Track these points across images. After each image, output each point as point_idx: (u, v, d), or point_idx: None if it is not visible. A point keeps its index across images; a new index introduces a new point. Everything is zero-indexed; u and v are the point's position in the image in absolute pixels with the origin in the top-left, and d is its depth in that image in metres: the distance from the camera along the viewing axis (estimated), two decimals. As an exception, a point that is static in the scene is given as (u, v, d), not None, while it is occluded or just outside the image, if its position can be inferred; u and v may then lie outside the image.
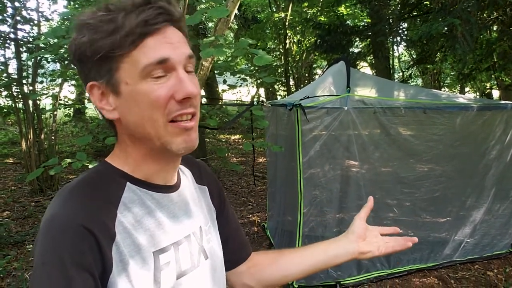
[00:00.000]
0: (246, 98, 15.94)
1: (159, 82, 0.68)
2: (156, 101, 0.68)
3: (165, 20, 0.69)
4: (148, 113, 0.69)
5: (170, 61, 0.68)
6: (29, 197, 5.95)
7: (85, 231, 0.63)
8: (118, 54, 0.67)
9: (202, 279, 0.83)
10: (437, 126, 3.58)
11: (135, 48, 0.67)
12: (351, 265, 3.46)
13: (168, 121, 0.70)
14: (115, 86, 0.70)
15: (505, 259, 3.86)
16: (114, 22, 0.66)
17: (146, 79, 0.68)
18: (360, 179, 3.49)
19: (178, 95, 0.69)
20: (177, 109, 0.70)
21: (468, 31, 3.48)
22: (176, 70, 0.70)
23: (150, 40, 0.68)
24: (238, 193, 6.45)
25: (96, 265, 0.62)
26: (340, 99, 3.33)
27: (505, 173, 3.84)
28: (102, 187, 0.72)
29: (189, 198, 0.87)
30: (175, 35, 0.71)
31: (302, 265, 1.01)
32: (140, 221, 0.72)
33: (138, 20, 0.66)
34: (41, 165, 2.51)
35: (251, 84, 13.38)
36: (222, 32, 2.35)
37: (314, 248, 1.03)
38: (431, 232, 3.82)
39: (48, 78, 6.93)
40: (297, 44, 12.29)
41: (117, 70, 0.69)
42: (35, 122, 6.11)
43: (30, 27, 6.19)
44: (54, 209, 0.67)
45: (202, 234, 0.86)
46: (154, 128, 0.70)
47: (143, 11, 0.67)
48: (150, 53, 0.67)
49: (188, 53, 0.72)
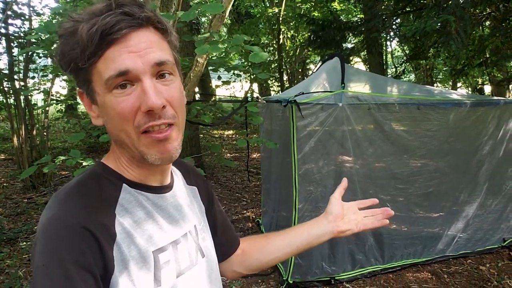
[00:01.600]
0: (239, 94, 15.92)
1: (125, 93, 0.66)
2: (121, 114, 0.67)
3: (128, 26, 0.65)
4: (119, 124, 0.68)
5: (131, 72, 0.65)
6: (21, 194, 5.90)
7: (84, 231, 0.62)
8: (84, 67, 0.66)
9: (200, 276, 0.84)
10: (430, 122, 3.60)
11: (98, 60, 0.65)
12: (346, 261, 3.48)
13: (140, 132, 0.68)
14: (92, 96, 0.71)
15: (497, 253, 3.91)
16: (75, 34, 0.64)
17: (112, 91, 0.66)
18: (354, 175, 3.50)
19: (142, 107, 0.66)
20: (145, 122, 0.67)
21: (462, 28, 3.49)
22: (141, 80, 0.66)
23: (111, 51, 0.65)
24: (233, 189, 6.45)
25: (96, 264, 0.62)
26: (334, 95, 3.33)
27: (498, 169, 3.88)
28: (99, 189, 0.71)
29: (183, 198, 0.88)
30: (142, 40, 0.67)
31: (288, 247, 1.04)
32: (138, 221, 0.72)
33: (94, 31, 0.63)
34: (34, 162, 2.49)
35: (245, 79, 13.36)
36: (217, 29, 2.34)
37: (298, 230, 1.06)
38: (424, 227, 3.85)
39: (39, 73, 6.86)
40: (291, 39, 12.27)
41: (90, 81, 0.69)
42: (27, 118, 6.05)
43: (21, 22, 6.12)
44: (52, 211, 0.66)
45: (197, 232, 0.87)
46: (129, 139, 0.70)
47: (101, 20, 0.63)
48: (111, 64, 0.65)
49: (156, 60, 0.67)
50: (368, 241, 3.56)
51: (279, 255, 1.05)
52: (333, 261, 3.45)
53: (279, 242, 1.05)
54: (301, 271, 3.35)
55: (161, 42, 0.71)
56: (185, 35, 3.22)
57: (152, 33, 0.69)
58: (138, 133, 0.68)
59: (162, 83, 0.69)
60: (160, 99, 0.67)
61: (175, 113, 0.70)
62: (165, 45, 0.72)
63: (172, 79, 0.71)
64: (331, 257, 3.45)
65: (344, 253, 3.48)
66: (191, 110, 2.68)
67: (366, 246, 3.56)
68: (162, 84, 0.69)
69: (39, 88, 6.46)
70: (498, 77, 8.66)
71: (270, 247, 1.05)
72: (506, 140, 3.87)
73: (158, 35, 0.70)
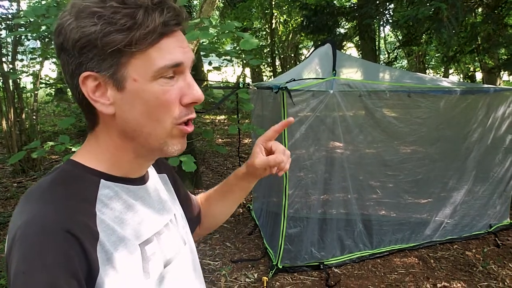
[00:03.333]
0: (231, 79, 15.82)
1: (170, 84, 0.68)
2: (166, 103, 0.68)
3: (178, 23, 0.69)
4: (156, 113, 0.69)
5: (182, 65, 0.69)
6: (11, 178, 5.86)
7: (67, 234, 0.60)
8: (133, 51, 0.65)
9: (185, 264, 0.85)
10: (421, 109, 3.62)
11: (151, 47, 0.66)
12: (335, 246, 3.53)
13: (176, 124, 0.70)
14: (120, 81, 0.67)
15: (483, 239, 3.98)
16: (133, 17, 0.64)
17: (157, 79, 0.67)
18: (345, 161, 3.53)
19: (185, 99, 0.70)
20: (186, 114, 0.71)
21: (453, 15, 3.49)
22: (184, 73, 0.71)
23: (166, 42, 0.67)
24: (224, 174, 6.46)
25: (81, 269, 0.60)
26: (325, 82, 3.33)
27: (486, 156, 3.94)
28: (75, 187, 0.69)
29: (159, 187, 0.88)
30: (183, 38, 0.72)
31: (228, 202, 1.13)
32: (120, 216, 0.71)
33: (160, 20, 0.65)
34: (23, 146, 2.47)
35: (237, 64, 13.26)
36: (208, 14, 2.31)
37: (228, 181, 1.09)
38: (412, 214, 3.91)
39: (28, 56, 6.75)
40: (284, 24, 12.17)
41: (125, 65, 0.66)
42: (16, 101, 5.97)
43: (9, 3, 6.00)
44: (28, 214, 0.62)
45: (177, 220, 0.88)
46: (158, 129, 0.70)
47: (162, 11, 0.66)
48: (166, 55, 0.67)
49: (193, 58, 0.73)
50: (357, 227, 3.61)
51: (223, 211, 1.15)
52: (322, 246, 3.49)
53: (219, 201, 1.13)
54: (290, 256, 3.39)
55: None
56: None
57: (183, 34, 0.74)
58: (173, 125, 0.70)
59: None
60: (202, 93, 0.72)
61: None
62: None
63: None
64: (320, 243, 3.49)
65: (333, 238, 3.52)
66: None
67: (355, 232, 3.60)
68: None
69: (28, 71, 6.38)
70: (489, 64, 8.70)
71: (213, 209, 1.13)
72: (495, 128, 3.92)
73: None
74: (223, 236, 4.16)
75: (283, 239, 3.32)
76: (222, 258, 3.71)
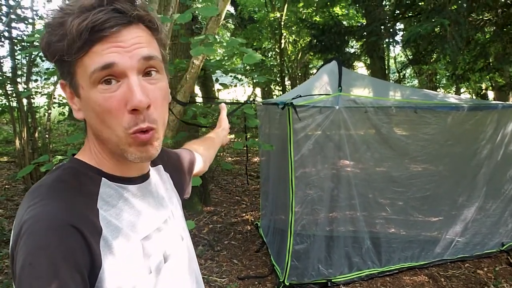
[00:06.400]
0: (242, 98, 15.93)
1: (110, 89, 0.65)
2: (108, 111, 0.66)
3: (118, 24, 0.65)
4: (105, 121, 0.67)
5: (117, 66, 0.64)
6: (22, 195, 5.92)
7: (72, 230, 0.61)
8: (72, 59, 0.65)
9: (183, 259, 0.87)
10: (428, 126, 3.60)
11: (85, 54, 0.64)
12: (343, 263, 3.48)
13: (128, 133, 0.67)
14: (75, 89, 0.69)
15: (495, 258, 3.89)
16: (64, 26, 0.63)
17: (96, 86, 0.65)
18: (352, 178, 3.51)
19: (128, 105, 0.65)
20: (134, 123, 0.67)
21: (457, 32, 3.50)
22: (127, 76, 0.66)
23: (99, 46, 0.64)
24: (232, 192, 6.47)
25: (85, 263, 0.61)
26: (331, 98, 3.35)
27: (496, 172, 3.88)
28: (79, 184, 0.70)
29: (158, 184, 0.89)
30: (131, 36, 0.66)
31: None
32: (121, 213, 0.73)
33: (84, 26, 0.62)
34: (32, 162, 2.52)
35: (248, 84, 13.37)
36: (213, 31, 2.36)
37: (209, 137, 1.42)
38: (422, 231, 3.85)
39: (42, 77, 6.90)
40: (293, 44, 12.29)
41: (75, 74, 0.67)
42: (29, 121, 6.09)
43: (25, 26, 6.18)
44: (35, 208, 0.63)
45: (175, 217, 0.90)
46: (114, 136, 0.68)
47: (91, 15, 0.63)
48: (96, 58, 0.64)
49: (144, 54, 0.67)
50: (365, 244, 3.56)
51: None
52: (330, 263, 3.45)
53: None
54: (297, 273, 3.35)
55: (150, 38, 0.70)
56: (182, 37, 3.25)
57: (141, 29, 0.68)
58: (126, 133, 0.67)
59: (148, 81, 0.68)
60: (146, 98, 0.66)
61: (156, 117, 0.69)
62: (154, 42, 0.72)
63: (159, 78, 0.70)
64: (328, 260, 3.45)
65: (340, 255, 3.48)
66: (187, 111, 2.70)
67: (363, 249, 3.56)
68: (148, 83, 0.68)
69: (42, 91, 6.52)
70: (500, 82, 8.64)
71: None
72: (505, 144, 3.87)
73: (147, 31, 0.70)
74: (230, 253, 4.13)
75: (289, 255, 3.29)
76: (229, 275, 3.68)
